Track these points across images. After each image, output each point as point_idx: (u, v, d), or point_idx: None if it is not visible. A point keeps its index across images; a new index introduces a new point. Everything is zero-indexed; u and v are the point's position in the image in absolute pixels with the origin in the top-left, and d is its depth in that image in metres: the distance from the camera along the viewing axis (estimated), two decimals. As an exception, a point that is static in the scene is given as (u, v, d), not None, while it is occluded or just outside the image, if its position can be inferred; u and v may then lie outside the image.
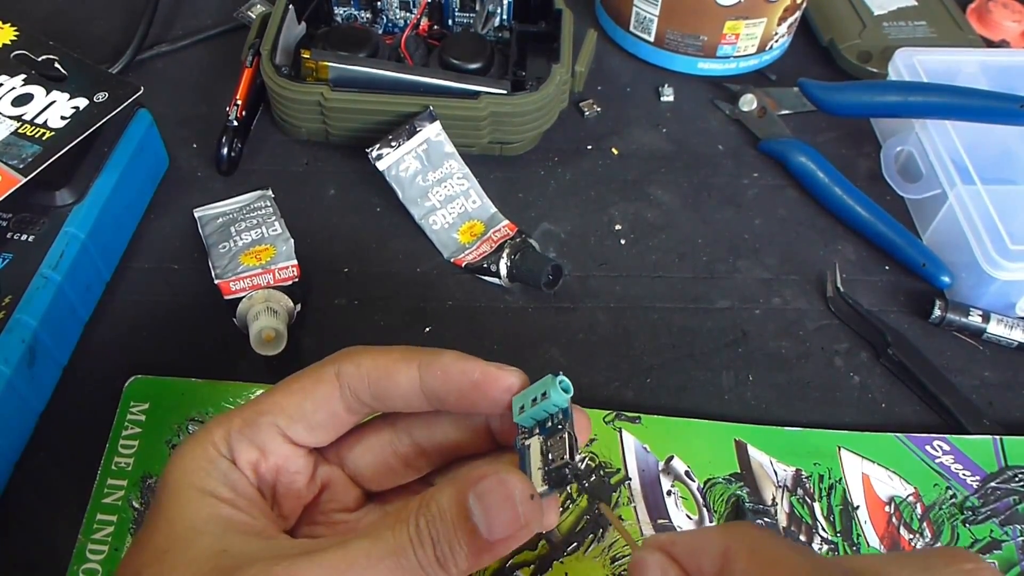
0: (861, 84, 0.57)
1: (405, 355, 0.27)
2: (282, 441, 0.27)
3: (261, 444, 0.27)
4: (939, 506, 0.41)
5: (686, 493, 0.40)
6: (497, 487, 0.23)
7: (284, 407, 0.27)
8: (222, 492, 0.26)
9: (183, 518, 0.25)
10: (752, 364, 0.46)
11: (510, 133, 0.53)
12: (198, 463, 0.26)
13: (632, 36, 0.61)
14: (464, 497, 0.23)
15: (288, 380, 0.28)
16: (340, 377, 0.27)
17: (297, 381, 0.28)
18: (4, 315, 0.40)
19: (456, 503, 0.23)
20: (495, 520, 0.23)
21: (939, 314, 0.47)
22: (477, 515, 0.23)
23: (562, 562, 0.38)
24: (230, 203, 0.50)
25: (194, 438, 0.27)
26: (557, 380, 0.25)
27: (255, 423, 0.27)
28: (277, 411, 0.27)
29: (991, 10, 0.65)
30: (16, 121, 0.44)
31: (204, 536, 0.24)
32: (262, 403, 0.27)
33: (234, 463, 0.27)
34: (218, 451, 0.27)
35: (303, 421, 0.27)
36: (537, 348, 0.46)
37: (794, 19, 0.60)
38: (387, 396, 0.27)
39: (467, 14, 0.58)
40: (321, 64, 0.51)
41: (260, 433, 0.27)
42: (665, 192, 0.54)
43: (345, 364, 0.27)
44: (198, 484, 0.26)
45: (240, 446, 0.27)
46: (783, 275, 0.50)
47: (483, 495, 0.23)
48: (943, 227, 0.50)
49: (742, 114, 0.58)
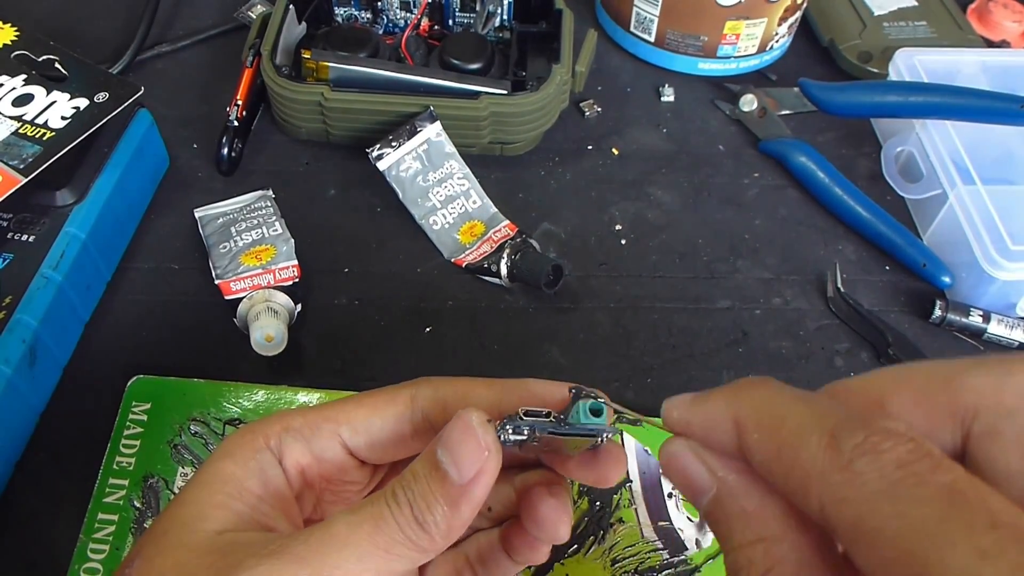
0: (861, 84, 0.57)
1: (483, 381, 0.28)
2: (341, 451, 0.27)
3: (318, 450, 0.27)
4: None
5: None
6: (455, 423, 0.24)
7: (351, 418, 0.27)
8: (251, 484, 0.25)
9: (194, 501, 0.25)
10: (752, 364, 0.46)
11: (510, 133, 0.53)
12: (241, 451, 0.26)
13: (632, 36, 0.61)
14: (433, 451, 0.23)
15: (362, 394, 0.28)
16: (415, 400, 0.27)
17: (371, 396, 0.28)
18: (5, 315, 0.40)
19: (427, 460, 0.24)
20: (461, 458, 0.23)
21: (939, 314, 0.47)
22: (445, 462, 0.23)
23: (563, 564, 0.38)
24: (230, 203, 0.50)
25: (248, 427, 0.27)
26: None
27: (317, 427, 0.27)
28: (343, 420, 0.27)
29: (991, 10, 0.65)
30: (16, 121, 0.44)
31: (206, 521, 0.24)
32: (329, 409, 0.27)
33: (279, 460, 0.26)
34: (266, 443, 0.26)
35: (366, 435, 0.27)
36: (537, 348, 0.46)
37: (794, 19, 0.60)
38: None
39: (467, 14, 0.58)
40: (321, 64, 0.51)
41: (320, 439, 0.27)
42: (665, 192, 0.54)
43: (422, 387, 0.27)
44: (228, 471, 0.25)
45: (293, 445, 0.27)
46: (783, 275, 0.50)
47: (446, 439, 0.23)
48: (943, 227, 0.50)
49: (742, 114, 0.58)
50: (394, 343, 0.46)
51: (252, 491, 0.25)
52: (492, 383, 0.27)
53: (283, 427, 0.27)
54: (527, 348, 0.46)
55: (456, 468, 0.23)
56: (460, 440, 0.23)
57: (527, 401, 0.26)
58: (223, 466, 0.26)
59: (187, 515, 0.24)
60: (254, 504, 0.25)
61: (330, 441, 0.27)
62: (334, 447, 0.27)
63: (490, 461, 0.23)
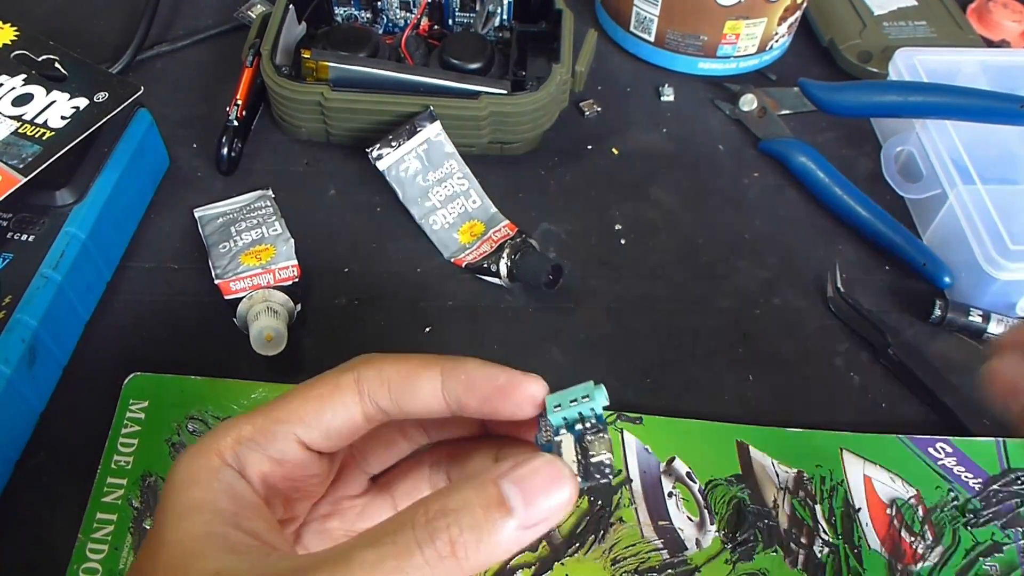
0: (861, 84, 0.57)
1: (426, 362, 0.27)
2: (299, 449, 0.27)
3: (278, 453, 0.26)
4: (941, 508, 0.41)
5: (687, 495, 0.40)
6: (544, 466, 0.23)
7: (302, 415, 0.26)
8: (223, 504, 0.25)
9: (179, 540, 0.24)
10: (752, 364, 0.46)
11: (510, 133, 0.53)
12: (199, 474, 0.25)
13: (632, 36, 0.61)
14: (491, 484, 0.22)
15: (305, 387, 0.27)
16: (360, 384, 0.27)
17: (314, 388, 0.27)
18: (4, 315, 0.40)
19: (483, 493, 0.22)
20: (539, 501, 0.22)
21: (939, 314, 0.47)
22: (514, 499, 0.22)
23: (563, 563, 0.38)
24: (230, 203, 0.50)
25: (197, 448, 0.26)
26: (600, 387, 0.26)
27: (270, 432, 0.26)
28: (295, 419, 0.26)
29: (991, 10, 0.65)
30: (16, 121, 0.44)
31: (198, 559, 0.23)
32: (277, 410, 0.27)
33: (240, 473, 0.26)
34: (223, 460, 0.26)
35: (320, 429, 0.27)
36: (537, 348, 0.46)
37: (794, 19, 0.60)
38: (408, 402, 0.27)
39: (467, 14, 0.58)
40: (321, 64, 0.51)
41: (276, 442, 0.26)
42: (665, 192, 0.54)
43: (365, 370, 0.27)
44: (197, 499, 0.25)
45: (251, 455, 0.26)
46: (783, 275, 0.50)
47: (524, 478, 0.23)
48: (943, 227, 0.50)
49: (742, 114, 0.58)
50: (394, 343, 0.46)
51: (227, 510, 0.25)
52: (431, 364, 0.27)
53: (235, 439, 0.26)
54: (527, 348, 0.46)
55: (527, 509, 0.22)
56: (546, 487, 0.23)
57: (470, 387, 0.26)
58: (191, 495, 0.25)
59: (175, 556, 0.24)
60: (234, 522, 0.25)
61: (286, 443, 0.26)
62: (291, 448, 0.26)
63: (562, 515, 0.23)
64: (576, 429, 0.25)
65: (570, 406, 0.26)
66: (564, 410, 0.26)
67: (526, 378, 0.27)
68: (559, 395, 0.26)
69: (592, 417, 0.26)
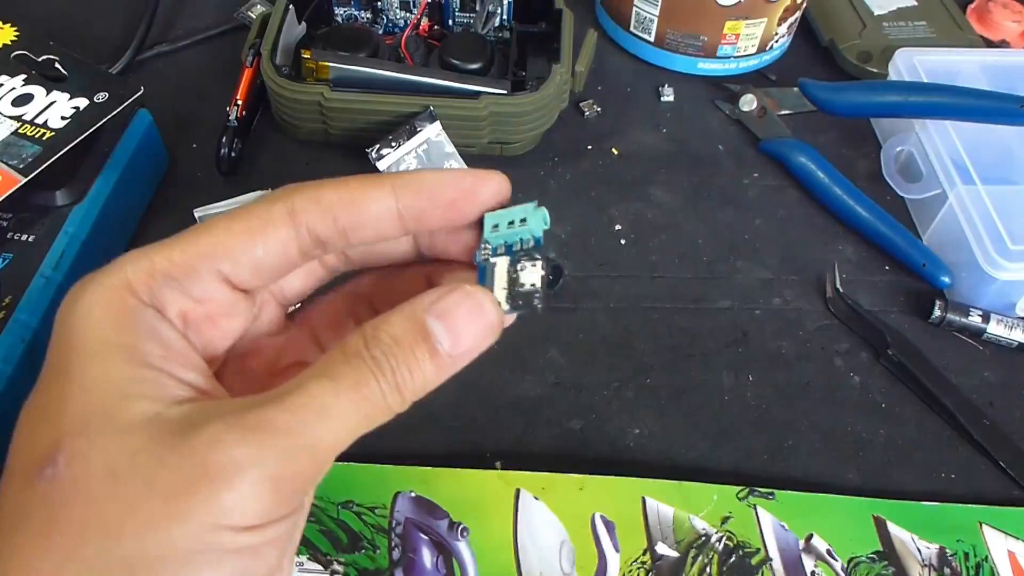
0: (861, 84, 0.57)
1: (370, 181, 0.25)
2: (224, 287, 0.24)
3: (199, 292, 0.23)
4: None
5: (830, 573, 0.38)
6: (464, 299, 0.23)
7: (229, 251, 0.23)
8: (151, 349, 0.22)
9: (97, 381, 0.21)
10: (752, 364, 0.46)
11: (510, 133, 0.53)
12: (114, 313, 0.22)
13: (632, 36, 0.61)
14: (419, 319, 0.22)
15: (227, 219, 0.24)
16: (295, 215, 0.24)
17: (239, 221, 0.24)
18: (4, 315, 0.40)
19: (412, 324, 0.22)
20: (462, 333, 0.23)
21: (939, 314, 0.47)
22: (439, 332, 0.22)
23: None
24: (230, 203, 0.50)
25: (101, 280, 0.22)
26: (539, 209, 0.25)
27: (192, 268, 0.23)
28: (221, 255, 0.23)
29: (991, 10, 0.65)
30: (16, 121, 0.44)
31: (135, 400, 0.21)
32: (200, 244, 0.23)
33: (161, 313, 0.23)
34: (139, 299, 0.22)
35: (250, 265, 0.24)
36: (537, 348, 0.46)
37: (794, 19, 0.60)
38: (357, 228, 0.24)
39: (467, 14, 0.58)
40: (321, 64, 0.51)
41: (199, 280, 0.23)
42: (665, 192, 0.54)
43: (300, 200, 0.24)
44: (117, 339, 0.22)
45: (170, 294, 0.23)
46: (783, 275, 0.50)
47: (447, 312, 0.23)
48: (943, 227, 0.50)
49: (742, 114, 0.58)
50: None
51: (155, 354, 0.22)
52: (382, 182, 0.24)
53: (148, 274, 0.23)
54: (527, 348, 0.46)
55: (452, 342, 0.22)
56: (467, 318, 0.23)
57: (433, 196, 0.25)
58: (104, 333, 0.22)
59: (94, 400, 0.21)
60: (166, 369, 0.22)
61: (210, 282, 0.23)
62: (216, 286, 0.24)
63: (489, 340, 0.23)
64: (514, 252, 0.25)
65: (508, 229, 0.25)
66: (502, 232, 0.25)
67: (491, 175, 0.26)
68: (499, 214, 0.26)
69: (530, 240, 0.25)
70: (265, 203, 0.24)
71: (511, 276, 0.24)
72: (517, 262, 0.24)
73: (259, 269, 0.24)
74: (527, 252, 0.25)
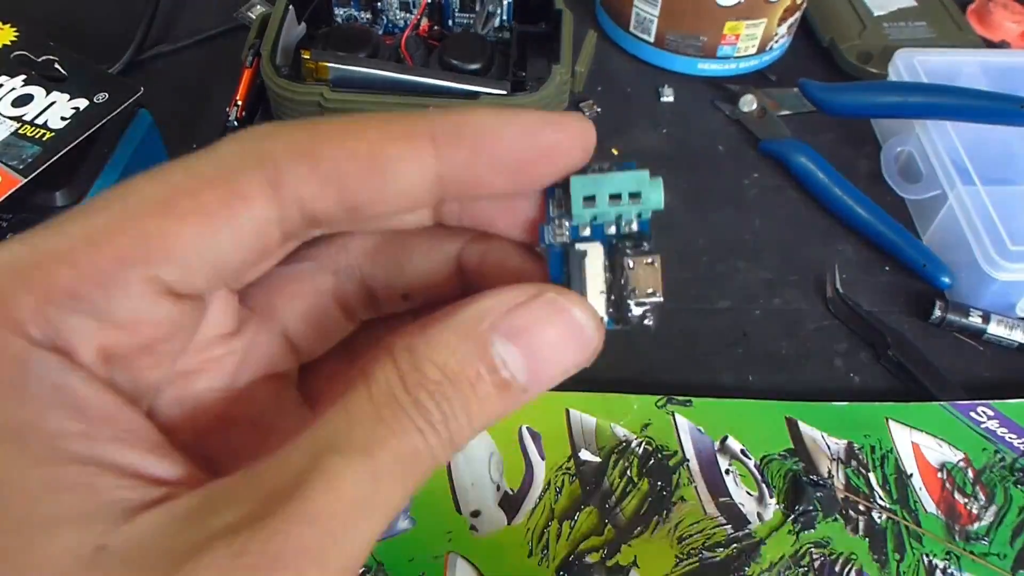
0: (861, 85, 0.57)
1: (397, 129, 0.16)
2: (165, 301, 0.16)
3: (125, 314, 0.15)
4: (990, 469, 0.42)
5: (744, 471, 0.41)
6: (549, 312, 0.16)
7: (171, 250, 0.15)
8: (61, 424, 0.14)
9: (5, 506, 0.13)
10: (752, 365, 0.46)
11: (510, 133, 0.53)
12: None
13: (632, 37, 0.61)
14: (482, 340, 0.16)
15: (166, 191, 0.15)
16: (279, 189, 0.16)
17: (190, 197, 0.15)
18: (4, 315, 0.40)
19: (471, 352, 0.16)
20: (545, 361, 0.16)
21: (939, 315, 0.47)
22: (512, 360, 0.16)
23: (630, 545, 0.39)
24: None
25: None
26: (656, 179, 0.17)
27: (111, 281, 0.15)
28: (157, 258, 0.15)
29: (991, 10, 0.65)
30: (16, 122, 0.44)
31: (53, 533, 0.13)
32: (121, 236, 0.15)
33: (66, 355, 0.15)
34: (28, 338, 0.14)
35: (206, 265, 0.16)
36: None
37: (794, 20, 0.60)
38: (376, 201, 0.16)
39: (467, 14, 0.58)
40: (321, 64, 0.51)
41: (124, 296, 0.15)
42: (665, 192, 0.54)
43: (287, 163, 0.16)
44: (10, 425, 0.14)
45: (79, 323, 0.15)
46: (783, 275, 0.50)
47: (522, 330, 0.16)
48: (943, 227, 0.50)
49: (742, 114, 0.58)
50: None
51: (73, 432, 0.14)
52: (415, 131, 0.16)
53: (43, 297, 0.14)
54: (527, 348, 0.46)
55: (530, 374, 0.16)
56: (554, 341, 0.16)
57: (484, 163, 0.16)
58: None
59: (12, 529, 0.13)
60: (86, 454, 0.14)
61: (142, 295, 0.15)
62: (150, 301, 0.15)
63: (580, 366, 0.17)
64: (607, 237, 0.17)
65: (610, 204, 0.17)
66: (599, 208, 0.17)
67: (572, 120, 0.18)
68: (596, 180, 0.17)
69: (632, 223, 0.17)
70: (229, 167, 0.16)
71: (610, 275, 0.17)
72: (620, 254, 0.17)
73: (219, 268, 0.16)
74: (633, 240, 0.17)
